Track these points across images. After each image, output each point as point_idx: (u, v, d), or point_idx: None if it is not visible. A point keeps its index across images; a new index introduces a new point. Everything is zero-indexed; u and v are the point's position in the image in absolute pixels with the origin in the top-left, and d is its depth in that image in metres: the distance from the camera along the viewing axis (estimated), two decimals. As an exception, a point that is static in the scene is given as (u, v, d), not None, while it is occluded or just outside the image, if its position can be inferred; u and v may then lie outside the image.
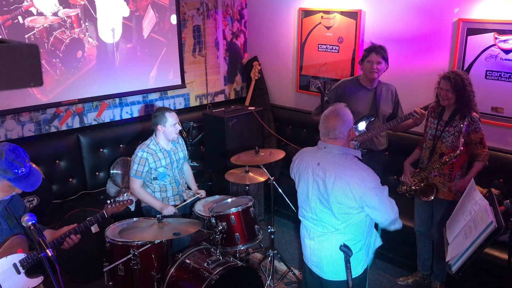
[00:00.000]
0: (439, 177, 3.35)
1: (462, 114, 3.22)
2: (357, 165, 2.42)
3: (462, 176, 3.31)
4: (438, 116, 3.37)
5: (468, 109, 3.21)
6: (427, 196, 3.38)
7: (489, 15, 3.70)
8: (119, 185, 4.35)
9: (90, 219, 2.77)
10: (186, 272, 3.03)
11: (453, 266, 2.31)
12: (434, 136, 3.35)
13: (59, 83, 4.26)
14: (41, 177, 2.49)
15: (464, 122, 3.17)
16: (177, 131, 3.63)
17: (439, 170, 3.30)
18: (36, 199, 3.79)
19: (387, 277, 3.87)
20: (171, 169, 3.69)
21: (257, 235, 3.38)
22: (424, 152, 3.45)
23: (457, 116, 3.25)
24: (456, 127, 3.25)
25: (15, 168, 2.34)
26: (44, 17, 4.07)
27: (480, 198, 2.36)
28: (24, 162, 2.38)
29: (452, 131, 3.27)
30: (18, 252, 2.45)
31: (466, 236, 2.28)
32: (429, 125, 3.44)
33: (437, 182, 3.35)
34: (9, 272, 2.39)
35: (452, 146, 3.25)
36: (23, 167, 2.36)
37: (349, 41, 4.66)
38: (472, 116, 3.18)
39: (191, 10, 5.13)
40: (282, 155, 3.80)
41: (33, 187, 2.42)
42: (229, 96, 5.72)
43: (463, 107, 3.21)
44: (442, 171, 3.32)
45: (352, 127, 2.55)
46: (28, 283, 2.47)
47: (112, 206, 2.92)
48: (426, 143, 3.44)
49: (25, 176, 2.38)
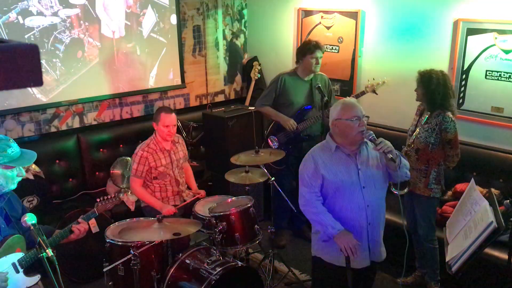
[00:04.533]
0: (415, 173, 3.39)
1: (437, 112, 3.29)
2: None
3: (440, 174, 3.37)
4: (420, 113, 3.47)
5: (442, 108, 3.28)
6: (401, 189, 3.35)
7: (489, 15, 3.70)
8: (119, 185, 4.35)
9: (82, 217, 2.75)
10: (186, 272, 3.03)
11: (453, 266, 2.31)
12: (412, 132, 3.45)
13: (59, 83, 4.27)
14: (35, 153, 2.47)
15: (434, 118, 3.27)
16: (170, 133, 3.62)
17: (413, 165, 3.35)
18: (36, 199, 3.79)
19: (387, 277, 3.87)
20: (171, 168, 3.69)
21: (257, 235, 3.37)
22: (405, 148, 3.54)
23: (433, 114, 3.32)
24: (430, 124, 3.31)
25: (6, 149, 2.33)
26: (44, 17, 4.07)
27: (480, 198, 2.36)
28: (8, 142, 2.37)
29: (426, 128, 3.33)
30: (17, 251, 2.46)
31: (466, 236, 2.28)
32: (412, 122, 3.53)
33: (413, 177, 3.36)
34: (8, 271, 2.40)
35: (426, 142, 3.31)
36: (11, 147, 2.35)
37: (349, 41, 4.66)
38: (445, 116, 3.26)
39: (191, 10, 5.13)
40: (282, 155, 3.80)
41: (29, 162, 2.46)
42: (229, 96, 5.72)
43: (432, 105, 3.29)
44: (418, 166, 3.38)
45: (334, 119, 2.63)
46: (27, 282, 2.47)
47: (102, 204, 2.91)
48: (407, 140, 3.52)
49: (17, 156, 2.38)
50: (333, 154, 2.61)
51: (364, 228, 2.62)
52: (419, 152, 3.37)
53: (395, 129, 4.39)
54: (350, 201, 2.59)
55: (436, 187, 3.38)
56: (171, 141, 3.72)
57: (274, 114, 4.17)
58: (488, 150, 3.84)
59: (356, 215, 2.59)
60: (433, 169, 3.36)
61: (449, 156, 3.34)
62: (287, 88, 4.10)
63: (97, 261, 3.37)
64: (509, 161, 3.72)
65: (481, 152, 3.82)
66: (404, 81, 4.25)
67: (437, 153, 3.33)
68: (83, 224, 2.68)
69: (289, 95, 4.11)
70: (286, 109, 4.12)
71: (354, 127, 2.53)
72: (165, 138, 3.64)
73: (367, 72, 4.59)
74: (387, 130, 4.40)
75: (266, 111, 4.24)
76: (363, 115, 2.57)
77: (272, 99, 4.17)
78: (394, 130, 4.38)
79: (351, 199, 2.58)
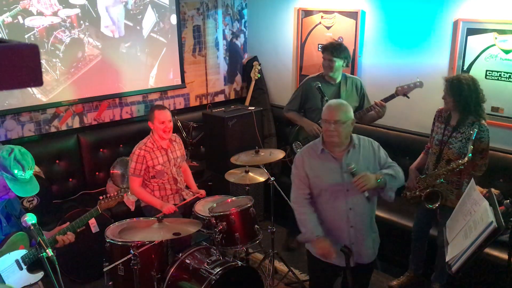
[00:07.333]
0: (447, 184, 3.25)
1: (470, 120, 3.15)
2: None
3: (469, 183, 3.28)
4: (445, 121, 3.30)
5: (475, 115, 3.13)
6: (432, 203, 3.28)
7: (489, 15, 3.70)
8: (119, 185, 4.35)
9: (85, 215, 2.79)
10: (186, 272, 3.03)
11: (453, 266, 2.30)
12: (440, 142, 3.27)
13: (59, 83, 4.27)
14: (38, 188, 2.54)
15: (474, 129, 3.08)
16: (166, 129, 3.62)
17: (445, 177, 3.21)
18: (36, 199, 3.79)
19: (387, 277, 3.87)
20: (169, 167, 3.70)
21: (257, 235, 3.37)
22: (430, 157, 3.38)
23: (466, 122, 3.16)
24: (464, 134, 3.15)
25: (16, 169, 2.36)
26: (44, 17, 4.07)
27: (480, 198, 2.36)
28: (27, 168, 2.41)
29: (459, 137, 3.18)
30: (20, 248, 2.48)
31: (466, 236, 2.28)
32: (435, 130, 3.36)
33: (444, 189, 3.25)
34: (12, 268, 2.42)
35: (459, 153, 3.16)
36: (24, 171, 2.39)
37: (349, 41, 4.66)
38: (481, 125, 3.11)
39: (191, 10, 5.13)
40: (282, 155, 3.80)
41: (26, 194, 2.49)
42: (229, 96, 5.72)
43: (467, 113, 3.14)
44: (449, 178, 3.23)
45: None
46: (30, 279, 2.50)
47: (105, 202, 2.93)
48: (432, 149, 3.36)
49: (22, 181, 2.41)
50: (319, 155, 2.62)
51: (345, 230, 2.61)
52: (450, 163, 3.18)
53: (395, 129, 4.39)
54: (333, 203, 2.59)
55: None
56: (168, 140, 3.72)
57: (298, 119, 4.08)
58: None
59: (337, 217, 2.60)
60: (464, 179, 3.20)
61: (478, 165, 3.17)
62: (313, 93, 3.92)
63: (97, 261, 3.38)
64: (509, 161, 3.72)
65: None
66: (404, 81, 4.25)
67: (469, 163, 3.12)
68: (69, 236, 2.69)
69: (315, 99, 3.93)
70: (313, 114, 4.00)
71: (325, 129, 2.56)
72: (162, 135, 3.64)
73: (367, 72, 4.59)
74: (386, 130, 4.41)
75: (292, 116, 4.16)
76: (335, 121, 2.50)
77: (298, 104, 4.09)
78: (394, 131, 4.39)
79: (333, 201, 2.59)
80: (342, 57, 3.83)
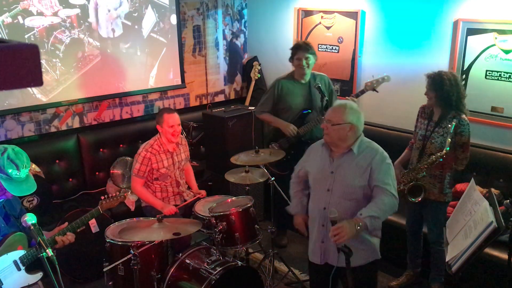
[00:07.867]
0: (429, 178, 3.31)
1: (451, 115, 3.21)
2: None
3: (452, 177, 3.32)
4: (428, 116, 3.36)
5: (456, 110, 3.21)
6: (415, 197, 3.34)
7: (489, 15, 3.70)
8: (119, 185, 4.35)
9: (86, 215, 2.78)
10: (186, 272, 3.03)
11: (452, 266, 2.30)
12: (424, 137, 3.34)
13: (59, 83, 4.27)
14: (35, 187, 2.51)
15: (453, 122, 3.15)
16: (175, 133, 3.61)
17: (427, 170, 3.27)
18: (36, 199, 3.79)
19: (387, 277, 3.87)
20: (173, 170, 3.69)
21: (257, 235, 3.37)
22: (414, 152, 3.44)
23: (447, 117, 3.23)
24: (445, 128, 3.23)
25: (10, 168, 2.34)
26: (44, 17, 4.07)
27: (480, 198, 2.36)
28: (22, 167, 2.38)
29: (441, 132, 3.25)
30: (18, 249, 2.47)
31: (466, 236, 2.28)
32: (419, 125, 3.43)
33: (427, 183, 3.31)
34: (10, 269, 2.41)
35: (441, 147, 3.22)
36: (18, 171, 2.37)
37: (349, 41, 4.66)
38: (461, 119, 3.18)
39: (191, 10, 5.13)
40: (282, 155, 3.80)
41: (22, 193, 2.45)
42: (229, 96, 5.72)
43: (448, 107, 3.21)
44: (432, 172, 3.29)
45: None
46: (28, 279, 2.48)
47: (107, 202, 2.92)
48: (416, 144, 3.42)
49: (18, 180, 2.39)
50: (321, 147, 2.72)
51: (316, 226, 2.67)
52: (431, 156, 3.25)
53: (395, 129, 4.39)
54: (314, 196, 2.70)
55: (450, 191, 3.34)
56: (175, 143, 3.70)
57: (273, 120, 4.09)
58: (488, 150, 3.83)
59: (314, 212, 2.68)
60: (447, 173, 3.28)
61: (459, 159, 3.25)
62: (285, 93, 4.01)
63: (97, 261, 3.38)
64: (509, 161, 3.72)
65: (481, 152, 3.82)
66: (404, 81, 4.26)
67: (450, 157, 3.22)
68: (69, 236, 2.69)
69: (287, 99, 4.02)
70: (286, 114, 4.04)
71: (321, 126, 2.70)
72: (171, 139, 3.61)
73: (367, 72, 4.59)
74: (386, 130, 4.40)
75: (265, 118, 4.17)
76: (327, 120, 2.62)
77: (270, 105, 4.10)
78: (394, 130, 4.39)
79: (315, 195, 2.69)
80: (313, 52, 3.96)
